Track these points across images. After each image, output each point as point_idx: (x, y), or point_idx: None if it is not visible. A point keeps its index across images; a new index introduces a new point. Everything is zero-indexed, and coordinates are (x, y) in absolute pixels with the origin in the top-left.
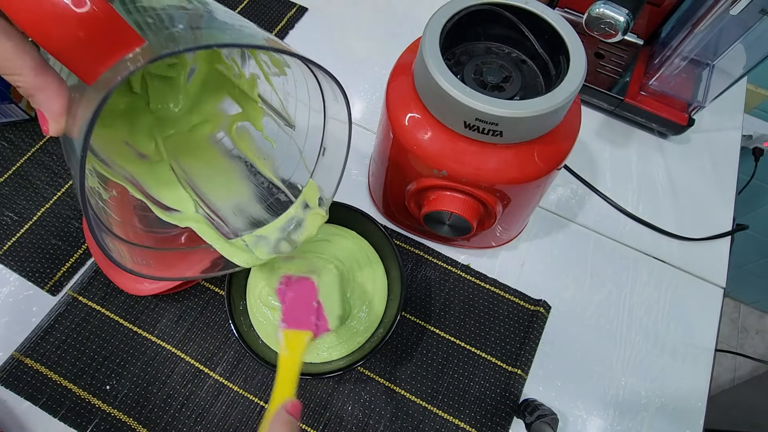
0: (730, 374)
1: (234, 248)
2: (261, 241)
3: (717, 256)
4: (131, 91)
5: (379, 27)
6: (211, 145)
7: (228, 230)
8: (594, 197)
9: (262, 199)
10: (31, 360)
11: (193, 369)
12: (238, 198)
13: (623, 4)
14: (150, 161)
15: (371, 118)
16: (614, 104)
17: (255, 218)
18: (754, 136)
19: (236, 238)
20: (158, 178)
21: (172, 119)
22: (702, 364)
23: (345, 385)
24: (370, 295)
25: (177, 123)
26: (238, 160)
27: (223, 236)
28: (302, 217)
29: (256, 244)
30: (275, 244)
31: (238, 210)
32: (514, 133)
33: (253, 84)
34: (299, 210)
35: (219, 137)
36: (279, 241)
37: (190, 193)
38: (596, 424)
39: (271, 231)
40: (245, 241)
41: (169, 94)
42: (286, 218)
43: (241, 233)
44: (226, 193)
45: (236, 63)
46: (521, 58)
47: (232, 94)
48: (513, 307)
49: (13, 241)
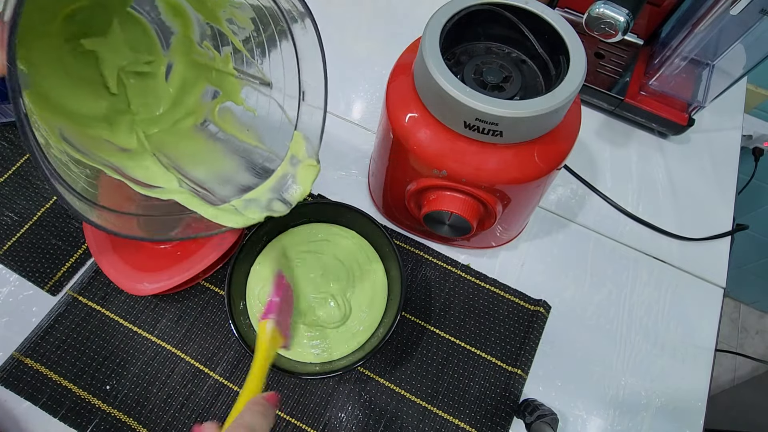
0: (730, 374)
1: (221, 212)
2: (251, 203)
3: (717, 256)
4: (110, 93)
5: (379, 27)
6: (194, 134)
7: (215, 198)
8: (594, 197)
9: (251, 168)
10: (31, 360)
11: (193, 369)
12: (223, 171)
13: (623, 4)
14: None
15: (371, 118)
16: (614, 104)
17: (246, 185)
18: (754, 136)
19: (224, 204)
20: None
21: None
22: (702, 364)
23: (345, 385)
24: (370, 295)
25: (160, 121)
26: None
27: (210, 203)
28: (293, 172)
29: (246, 207)
30: (267, 204)
31: (225, 181)
32: (514, 133)
33: (227, 59)
34: (288, 166)
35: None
36: (271, 201)
37: (173, 173)
38: (596, 424)
39: (261, 193)
40: (234, 205)
41: (150, 94)
42: (276, 178)
43: (229, 200)
44: (211, 169)
45: (209, 46)
46: (521, 58)
47: (210, 79)
48: (513, 307)
49: (13, 241)
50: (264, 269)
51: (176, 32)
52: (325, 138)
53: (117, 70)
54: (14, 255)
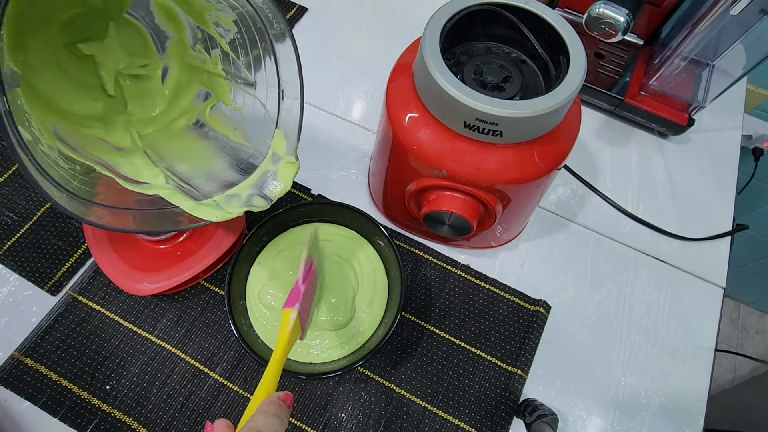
0: (730, 374)
1: (203, 207)
2: (232, 199)
3: (717, 256)
4: (107, 94)
5: (379, 27)
6: (186, 133)
7: (199, 194)
8: (594, 197)
9: (236, 165)
10: (31, 360)
11: (193, 369)
12: (210, 168)
13: (623, 4)
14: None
15: (371, 118)
16: (614, 104)
17: (230, 182)
18: (754, 136)
19: (206, 199)
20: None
21: (151, 119)
22: (702, 364)
23: (345, 385)
24: (370, 295)
25: (156, 122)
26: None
27: (193, 199)
28: (274, 169)
29: (227, 202)
30: (247, 200)
31: (210, 178)
32: (514, 133)
33: (216, 61)
34: (270, 163)
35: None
36: (251, 197)
37: (162, 170)
38: (596, 424)
39: (243, 188)
40: (216, 201)
41: (146, 96)
42: (258, 174)
43: (212, 195)
44: (198, 166)
45: (200, 49)
46: (521, 58)
47: (202, 81)
48: (513, 307)
49: (13, 241)
50: (264, 269)
51: (171, 36)
52: (325, 138)
53: (114, 73)
54: (14, 255)
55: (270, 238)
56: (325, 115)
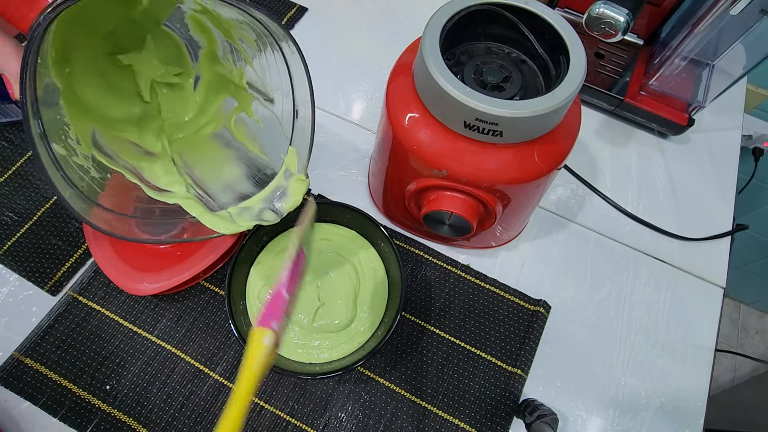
0: (730, 374)
1: (217, 218)
2: (244, 211)
3: (717, 256)
4: (143, 101)
5: (380, 27)
6: (212, 140)
7: (215, 205)
8: (594, 197)
9: (252, 177)
10: (31, 360)
11: (193, 369)
12: (229, 178)
13: (623, 4)
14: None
15: (371, 118)
16: (614, 104)
17: (244, 194)
18: (754, 136)
19: (221, 211)
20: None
21: (182, 124)
22: (702, 364)
23: (345, 385)
24: (370, 295)
25: (186, 127)
26: (233, 147)
27: (209, 210)
28: (286, 185)
29: (239, 215)
30: (258, 213)
31: (227, 187)
32: (514, 133)
33: (241, 74)
34: (282, 179)
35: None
36: (262, 211)
37: (185, 178)
38: (596, 424)
39: (255, 202)
40: (230, 212)
41: (178, 102)
42: (270, 189)
43: (227, 207)
44: (219, 176)
45: (230, 60)
46: (521, 58)
47: (230, 91)
48: (513, 307)
49: (13, 241)
50: (264, 269)
51: (203, 46)
52: (325, 138)
53: (150, 81)
54: (14, 255)
55: (270, 238)
56: (325, 115)
